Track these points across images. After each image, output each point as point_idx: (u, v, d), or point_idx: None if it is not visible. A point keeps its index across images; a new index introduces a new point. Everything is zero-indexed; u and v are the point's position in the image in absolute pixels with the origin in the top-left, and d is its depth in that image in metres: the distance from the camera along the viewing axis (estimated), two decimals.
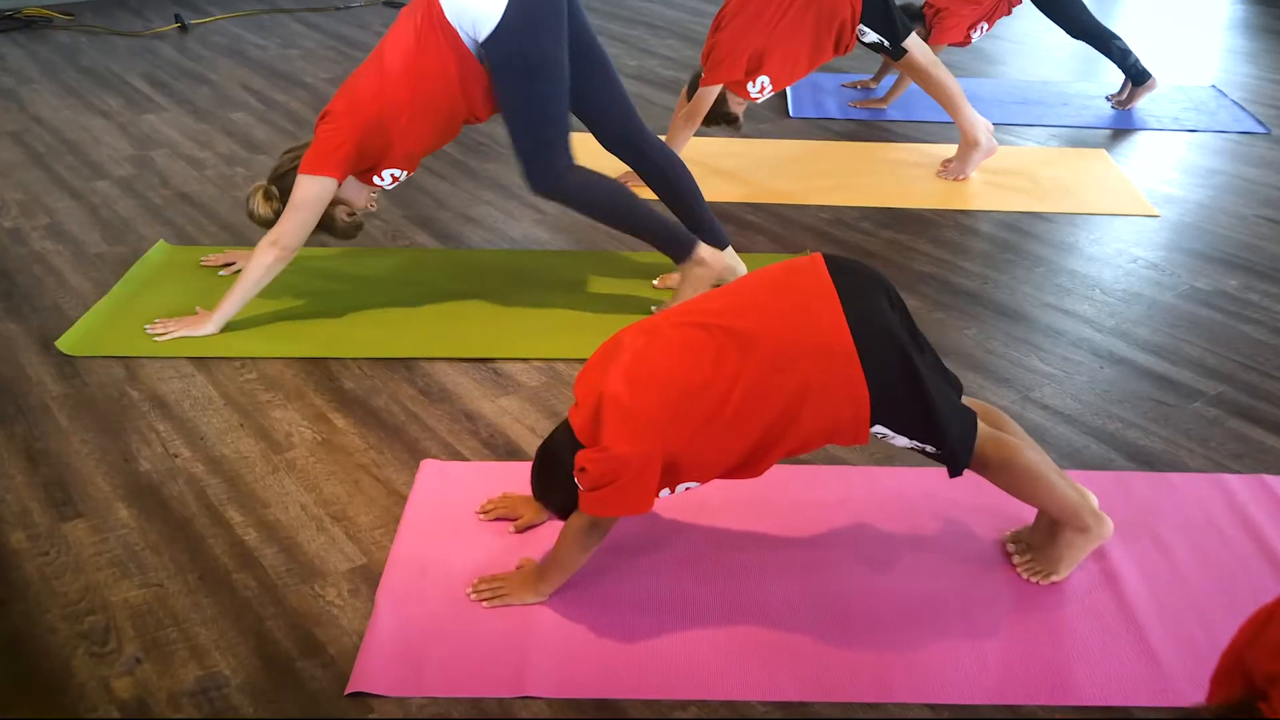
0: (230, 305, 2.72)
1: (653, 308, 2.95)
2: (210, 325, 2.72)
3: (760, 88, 3.59)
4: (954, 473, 1.89)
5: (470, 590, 1.93)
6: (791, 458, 1.89)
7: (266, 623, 1.86)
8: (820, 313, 1.76)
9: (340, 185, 2.70)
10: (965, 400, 1.95)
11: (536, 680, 1.76)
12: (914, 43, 3.74)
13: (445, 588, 1.95)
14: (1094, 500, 2.01)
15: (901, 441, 1.84)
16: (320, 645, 1.82)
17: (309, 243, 3.19)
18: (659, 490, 1.82)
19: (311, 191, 2.66)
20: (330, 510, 2.14)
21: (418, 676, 1.77)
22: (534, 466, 1.93)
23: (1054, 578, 1.98)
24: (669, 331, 1.82)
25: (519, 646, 1.83)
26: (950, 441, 1.84)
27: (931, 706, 1.73)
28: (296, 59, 5.18)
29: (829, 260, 1.83)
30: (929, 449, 1.85)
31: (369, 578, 1.97)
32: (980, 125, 3.81)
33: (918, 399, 1.79)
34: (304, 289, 2.96)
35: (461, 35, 2.61)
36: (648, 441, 1.74)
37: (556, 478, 1.84)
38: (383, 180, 2.77)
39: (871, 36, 3.69)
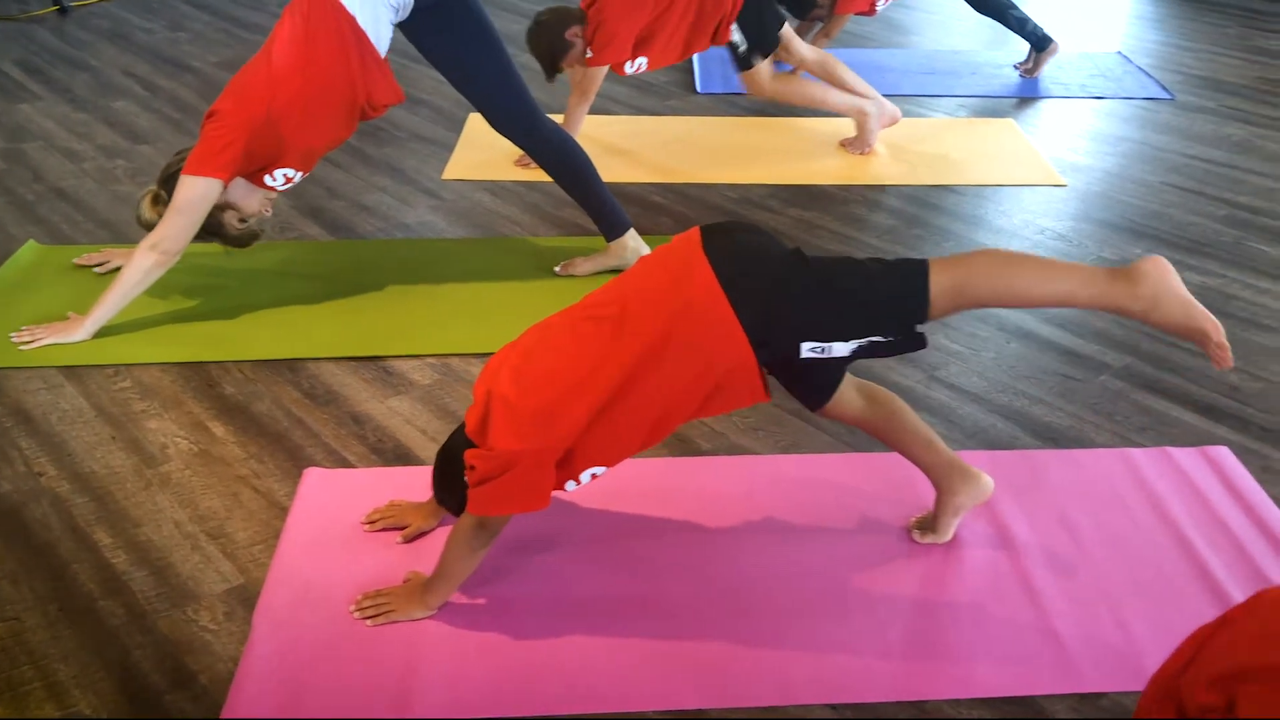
0: (104, 310, 2.57)
1: (556, 269, 2.94)
2: (82, 331, 2.57)
3: (637, 68, 3.55)
4: (917, 335, 1.74)
5: (354, 607, 1.83)
6: (702, 444, 1.81)
7: (134, 653, 1.75)
8: (688, 273, 1.70)
9: (227, 187, 2.56)
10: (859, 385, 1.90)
11: (424, 702, 1.67)
12: (764, 67, 3.67)
13: (328, 606, 1.85)
14: (988, 482, 1.98)
15: (842, 349, 1.72)
16: (191, 675, 1.71)
17: (205, 238, 3.06)
18: (561, 484, 1.76)
19: (195, 193, 2.52)
20: (206, 527, 2.02)
21: (297, 703, 1.67)
22: (434, 470, 1.85)
23: (932, 538, 1.99)
24: (558, 328, 1.77)
25: (406, 666, 1.74)
26: (889, 306, 1.70)
27: (833, 706, 1.67)
28: (185, 42, 4.97)
29: (704, 228, 1.78)
30: (879, 338, 1.72)
31: (246, 598, 1.86)
32: (858, 102, 3.77)
33: (821, 289, 1.70)
34: (184, 287, 2.82)
35: (358, 19, 2.49)
36: (536, 438, 1.67)
37: (455, 478, 1.76)
38: (275, 181, 2.63)
39: (736, 36, 3.61)
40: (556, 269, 2.97)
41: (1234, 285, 2.94)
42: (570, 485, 1.79)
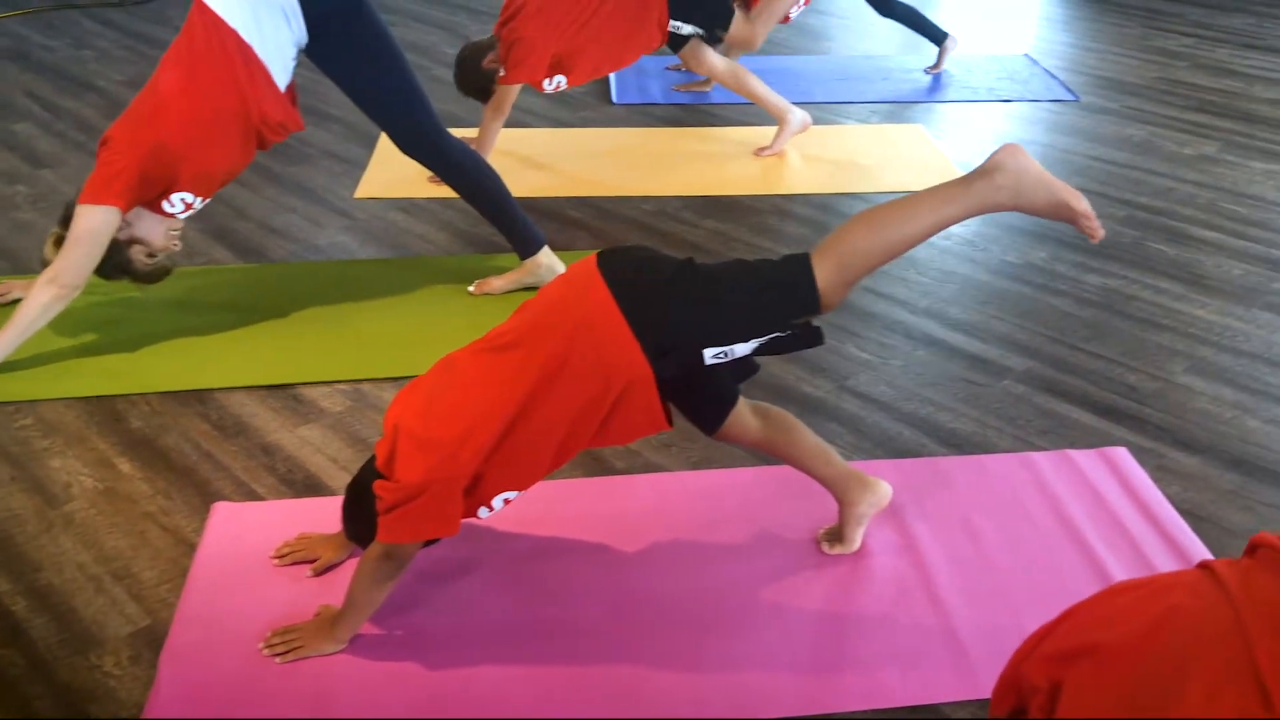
0: (2, 346, 2.51)
1: (470, 288, 2.93)
2: None
3: (555, 86, 3.59)
4: (814, 329, 1.78)
5: (263, 645, 1.81)
6: (615, 463, 1.82)
7: (33, 704, 1.72)
8: (584, 293, 1.72)
9: (130, 221, 2.52)
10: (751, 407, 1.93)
11: None
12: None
13: (237, 645, 1.83)
14: (886, 489, 2.02)
15: (744, 349, 1.75)
16: None
17: (114, 276, 3.01)
18: (473, 511, 1.76)
19: (92, 223, 2.47)
20: (111, 568, 1.99)
21: None
22: (344, 504, 1.84)
23: (840, 548, 2.03)
24: (463, 362, 1.77)
25: (317, 702, 1.73)
26: (783, 303, 1.72)
27: None
28: (90, 60, 4.87)
29: (601, 251, 1.80)
30: (770, 343, 1.76)
31: (153, 641, 1.83)
32: (786, 105, 3.87)
33: (715, 295, 1.73)
34: (88, 319, 2.77)
35: (244, 36, 2.46)
36: (443, 469, 1.67)
37: (365, 513, 1.75)
38: (173, 207, 2.58)
39: (688, 29, 3.70)
40: (470, 289, 2.96)
41: (1134, 286, 3.02)
42: (483, 512, 1.79)
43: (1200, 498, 2.20)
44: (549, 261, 2.93)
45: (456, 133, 3.98)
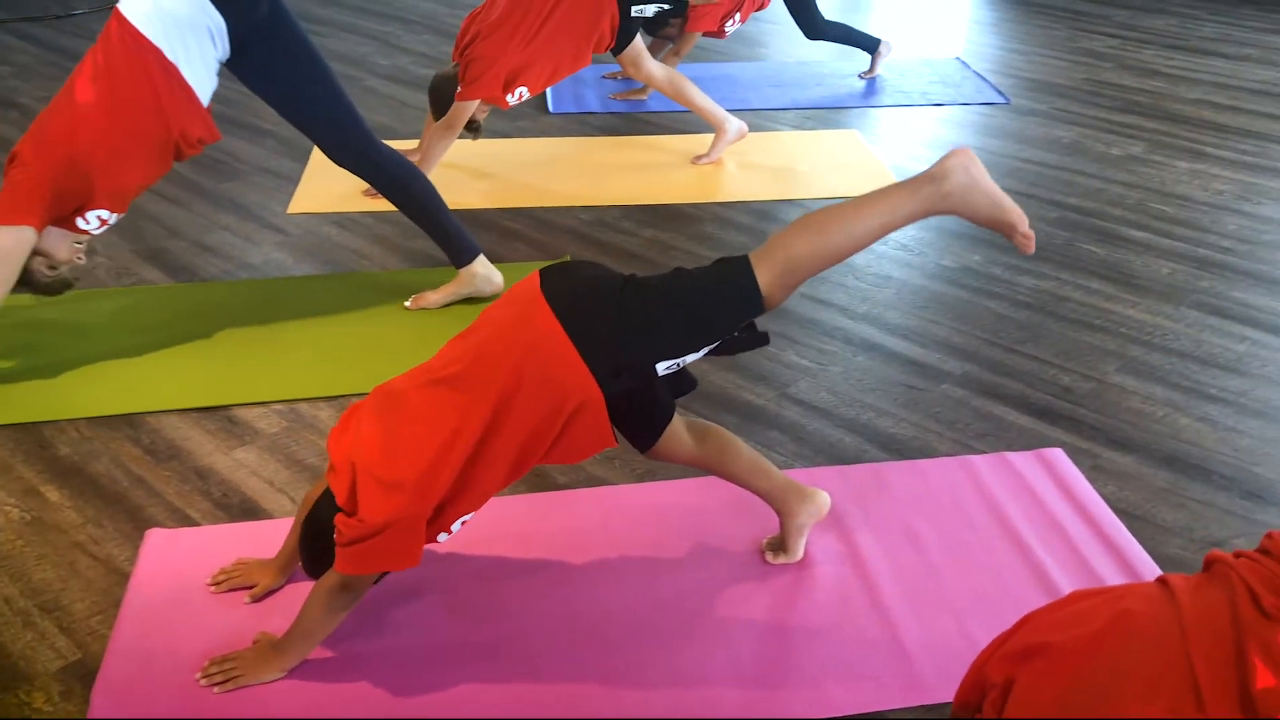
0: None
1: (407, 303, 2.91)
2: None
3: (518, 96, 3.56)
4: (760, 333, 1.80)
5: (200, 675, 1.78)
6: (558, 478, 1.80)
7: None
8: (529, 317, 1.70)
9: (40, 234, 2.46)
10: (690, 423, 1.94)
11: None
12: (640, 47, 3.76)
13: (174, 675, 1.79)
14: (824, 498, 2.04)
15: (695, 356, 1.76)
16: None
17: (17, 286, 2.94)
18: (433, 537, 1.74)
19: (4, 244, 2.41)
20: (39, 601, 1.94)
21: None
22: (302, 542, 1.81)
23: (784, 558, 2.03)
24: (413, 393, 1.74)
25: None
26: (728, 312, 1.73)
27: None
28: (9, 77, 4.76)
29: (543, 271, 1.77)
30: (718, 347, 1.77)
31: (85, 675, 1.79)
32: (723, 114, 3.89)
33: (661, 311, 1.72)
34: (10, 343, 2.70)
35: (167, 54, 2.42)
36: (407, 507, 1.65)
37: (326, 546, 1.71)
38: (88, 224, 2.53)
39: (651, 9, 3.71)
40: (407, 304, 2.93)
41: (1066, 287, 3.07)
42: (442, 537, 1.77)
43: (1135, 496, 2.23)
44: (485, 271, 2.91)
45: (392, 144, 3.98)
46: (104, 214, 2.52)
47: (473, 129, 3.60)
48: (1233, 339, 2.80)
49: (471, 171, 3.84)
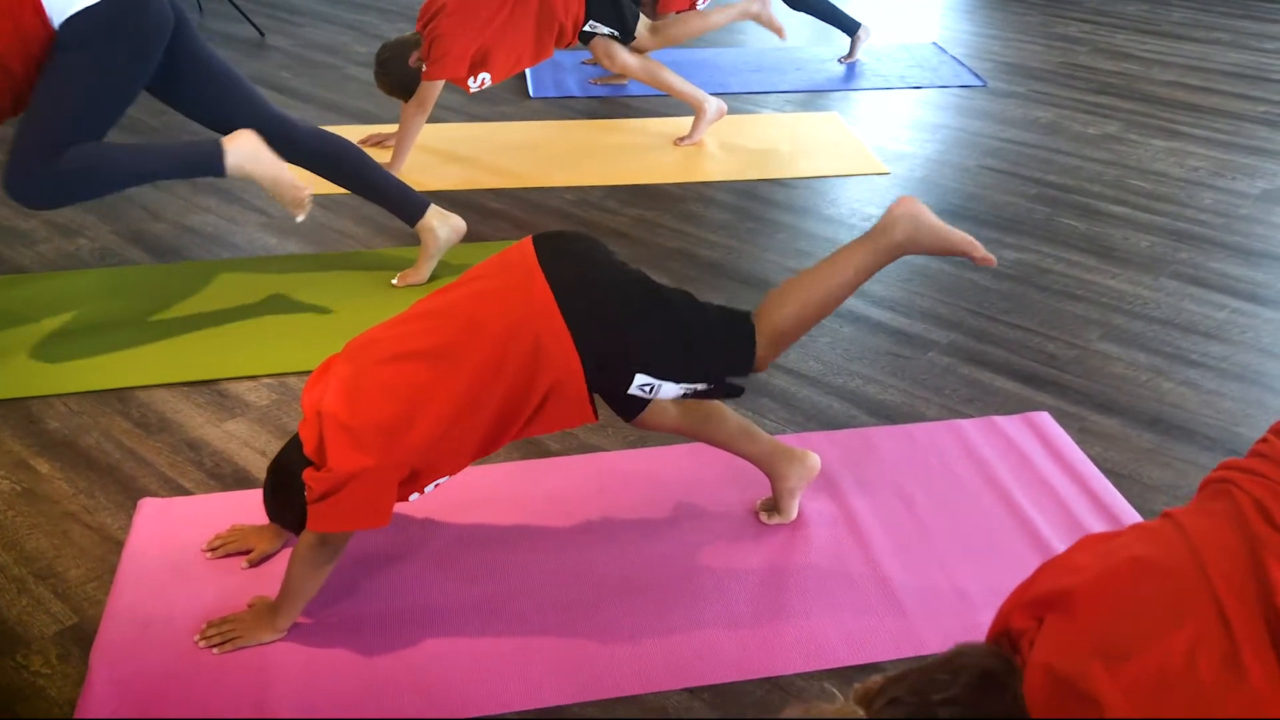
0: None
1: (394, 280, 2.91)
2: None
3: (480, 83, 3.60)
4: (736, 385, 1.83)
5: (198, 637, 1.78)
6: (551, 445, 1.81)
7: None
8: (525, 289, 1.70)
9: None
10: None
11: None
12: (640, 27, 3.78)
13: (171, 638, 1.79)
14: (814, 459, 2.05)
15: (672, 390, 1.77)
16: None
17: (1, 267, 2.93)
18: (405, 496, 1.75)
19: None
20: (34, 568, 1.93)
21: None
22: (266, 486, 1.80)
23: (778, 519, 2.05)
24: (385, 341, 1.74)
25: (258, 692, 1.70)
26: (723, 361, 1.78)
27: (690, 691, 1.70)
28: None
29: (538, 240, 1.77)
30: (700, 388, 1.79)
31: (82, 639, 1.78)
32: (702, 94, 3.90)
33: (665, 332, 1.74)
34: None
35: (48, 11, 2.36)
36: (377, 455, 1.65)
37: (291, 495, 1.71)
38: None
39: (604, 29, 3.73)
40: (394, 281, 2.93)
41: (1048, 260, 3.10)
42: (414, 496, 1.77)
43: (1121, 457, 2.26)
44: (439, 219, 2.91)
45: (370, 129, 3.99)
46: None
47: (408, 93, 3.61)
48: (1213, 307, 2.84)
49: (451, 154, 3.84)
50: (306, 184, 2.56)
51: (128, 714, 1.64)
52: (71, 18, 2.34)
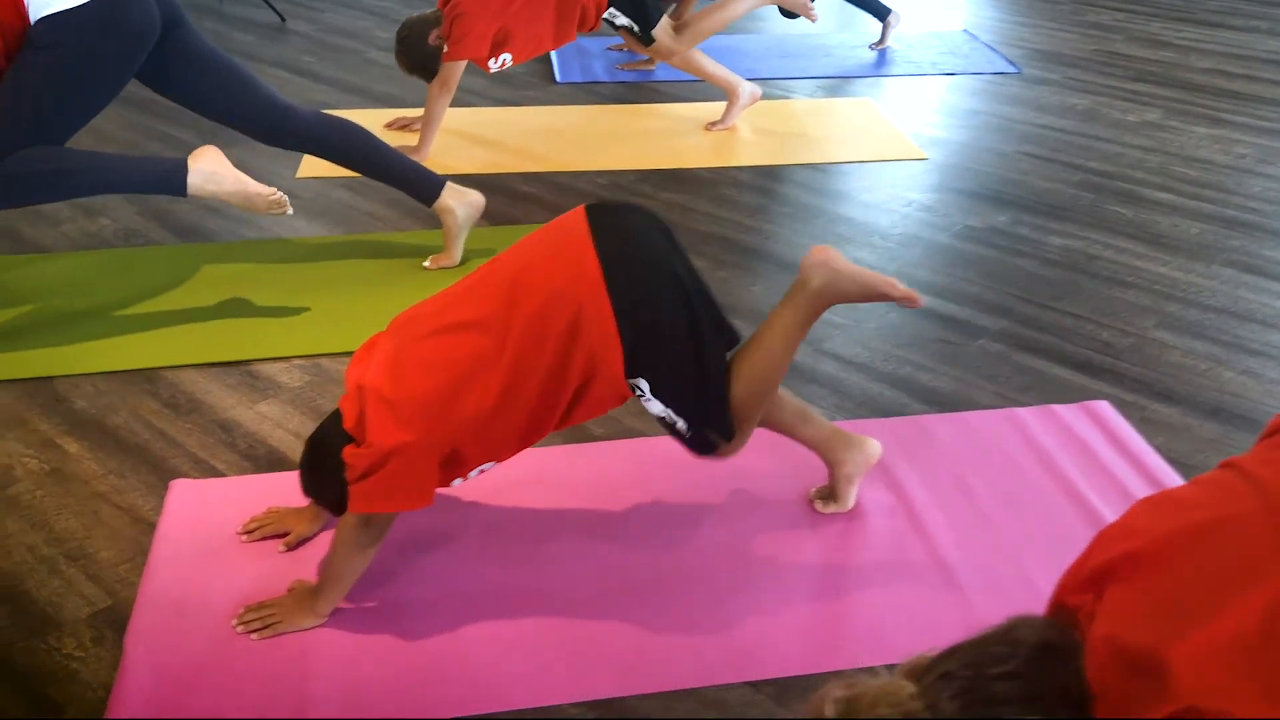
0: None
1: (426, 263, 2.84)
2: None
3: (501, 64, 3.54)
4: (701, 451, 1.78)
5: (236, 622, 1.71)
6: (594, 430, 1.74)
7: None
8: (573, 256, 1.63)
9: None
10: None
11: (322, 715, 1.56)
12: (661, 29, 3.68)
13: (208, 622, 1.72)
14: (874, 446, 1.97)
15: (656, 407, 1.70)
16: (58, 707, 1.57)
17: (23, 248, 2.87)
18: (448, 480, 1.68)
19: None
20: (65, 549, 1.86)
21: None
22: (302, 460, 1.74)
23: (834, 507, 1.97)
24: (428, 317, 1.68)
25: (299, 679, 1.63)
26: (706, 414, 1.73)
27: (754, 685, 1.63)
28: None
29: (591, 214, 1.69)
30: (679, 423, 1.73)
31: (115, 621, 1.71)
32: (732, 77, 3.81)
33: (685, 340, 1.67)
34: (18, 300, 2.62)
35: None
36: (418, 430, 1.58)
37: (328, 469, 1.65)
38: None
39: (623, 20, 3.66)
40: (426, 264, 2.86)
41: (1095, 246, 3.02)
42: (457, 481, 1.71)
43: (1185, 447, 2.18)
44: (455, 199, 2.82)
45: (395, 113, 3.91)
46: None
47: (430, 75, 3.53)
48: (1270, 295, 2.76)
49: (479, 138, 3.77)
50: (272, 189, 2.47)
51: (165, 700, 1.58)
52: (49, 16, 2.27)
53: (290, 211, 2.51)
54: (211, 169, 2.42)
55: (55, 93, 2.32)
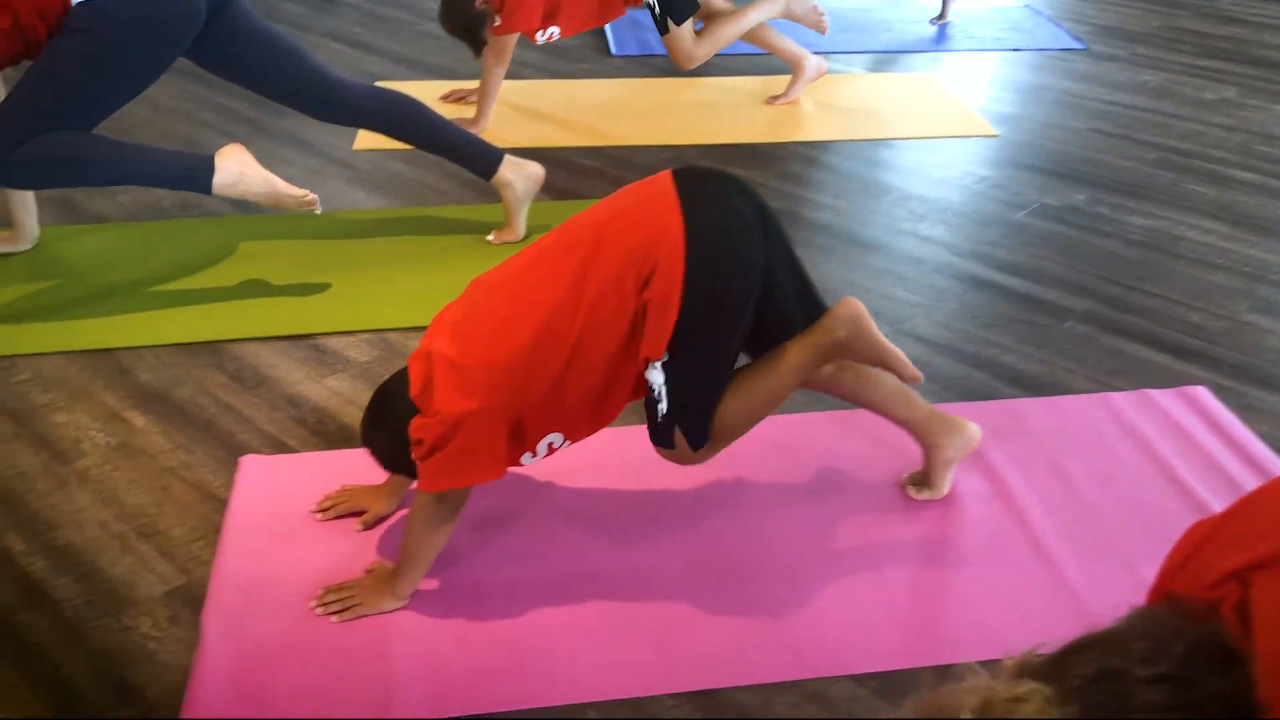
0: None
1: (489, 237, 2.78)
2: None
3: (549, 36, 3.44)
4: (659, 441, 1.71)
5: (315, 603, 1.65)
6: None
7: (65, 670, 1.54)
8: (655, 218, 1.58)
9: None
10: None
11: (406, 702, 1.51)
12: (682, 33, 3.52)
13: (285, 603, 1.66)
14: (974, 430, 1.89)
15: (657, 377, 1.61)
16: (137, 689, 1.51)
17: (81, 217, 2.83)
18: (518, 455, 1.63)
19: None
20: (136, 525, 1.81)
21: (264, 713, 1.48)
22: (366, 412, 1.68)
23: (929, 494, 1.90)
24: (503, 280, 1.65)
25: (381, 663, 1.57)
26: (690, 413, 1.66)
27: (856, 678, 1.56)
28: None
29: (678, 171, 1.65)
30: (663, 404, 1.64)
31: (191, 600, 1.66)
32: (796, 49, 3.71)
33: (729, 335, 1.62)
34: (76, 271, 2.57)
35: None
36: (483, 397, 1.53)
37: (385, 421, 1.62)
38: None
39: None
40: (490, 238, 2.79)
41: (1180, 227, 2.91)
42: (527, 458, 1.64)
43: None
44: (513, 172, 2.74)
45: (449, 85, 3.83)
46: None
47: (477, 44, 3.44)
48: None
49: (536, 112, 3.69)
50: (303, 190, 2.39)
51: (245, 682, 1.52)
52: (87, 1, 2.22)
53: (319, 211, 2.44)
54: (239, 169, 2.36)
55: (86, 79, 2.27)
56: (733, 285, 1.60)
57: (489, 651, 1.60)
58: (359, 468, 1.91)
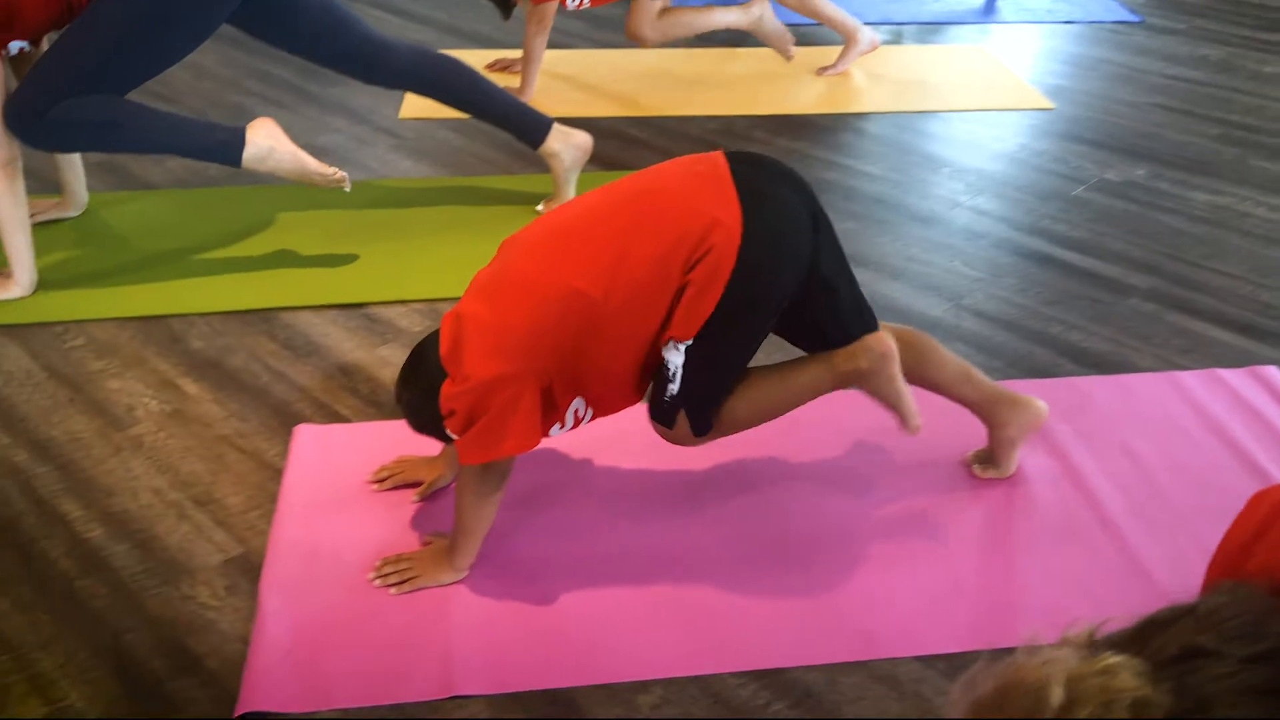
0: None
1: (539, 207, 2.74)
2: (17, 286, 2.30)
3: (579, 3, 3.41)
4: (660, 419, 1.66)
5: (374, 575, 1.63)
6: None
7: (125, 637, 1.53)
8: (712, 200, 1.54)
9: None
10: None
11: (467, 676, 1.48)
12: (644, 12, 3.45)
13: (343, 574, 1.64)
14: (1040, 407, 1.84)
15: (675, 358, 1.57)
16: (197, 659, 1.50)
17: (129, 184, 2.82)
18: (550, 424, 1.59)
19: None
20: (191, 493, 1.80)
21: (324, 686, 1.47)
22: (403, 366, 1.65)
23: (994, 473, 1.85)
24: (521, 264, 1.59)
25: (440, 637, 1.54)
26: (697, 398, 1.62)
27: (923, 660, 1.52)
28: None
29: (732, 154, 1.61)
30: (674, 385, 1.59)
31: (248, 569, 1.65)
32: (848, 20, 3.64)
33: (758, 328, 1.61)
34: (125, 237, 2.55)
35: None
36: (513, 360, 1.50)
37: (418, 378, 1.59)
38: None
39: None
40: (539, 208, 2.76)
41: (1245, 203, 2.84)
42: (556, 429, 1.62)
43: None
44: (560, 142, 2.69)
45: (494, 54, 3.79)
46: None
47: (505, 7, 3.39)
48: None
49: (581, 82, 3.64)
50: (333, 169, 2.36)
51: (303, 654, 1.50)
52: None
53: (349, 188, 2.41)
54: (270, 144, 2.32)
55: (125, 41, 2.23)
56: (773, 289, 1.58)
57: (549, 627, 1.57)
58: (414, 438, 1.87)
